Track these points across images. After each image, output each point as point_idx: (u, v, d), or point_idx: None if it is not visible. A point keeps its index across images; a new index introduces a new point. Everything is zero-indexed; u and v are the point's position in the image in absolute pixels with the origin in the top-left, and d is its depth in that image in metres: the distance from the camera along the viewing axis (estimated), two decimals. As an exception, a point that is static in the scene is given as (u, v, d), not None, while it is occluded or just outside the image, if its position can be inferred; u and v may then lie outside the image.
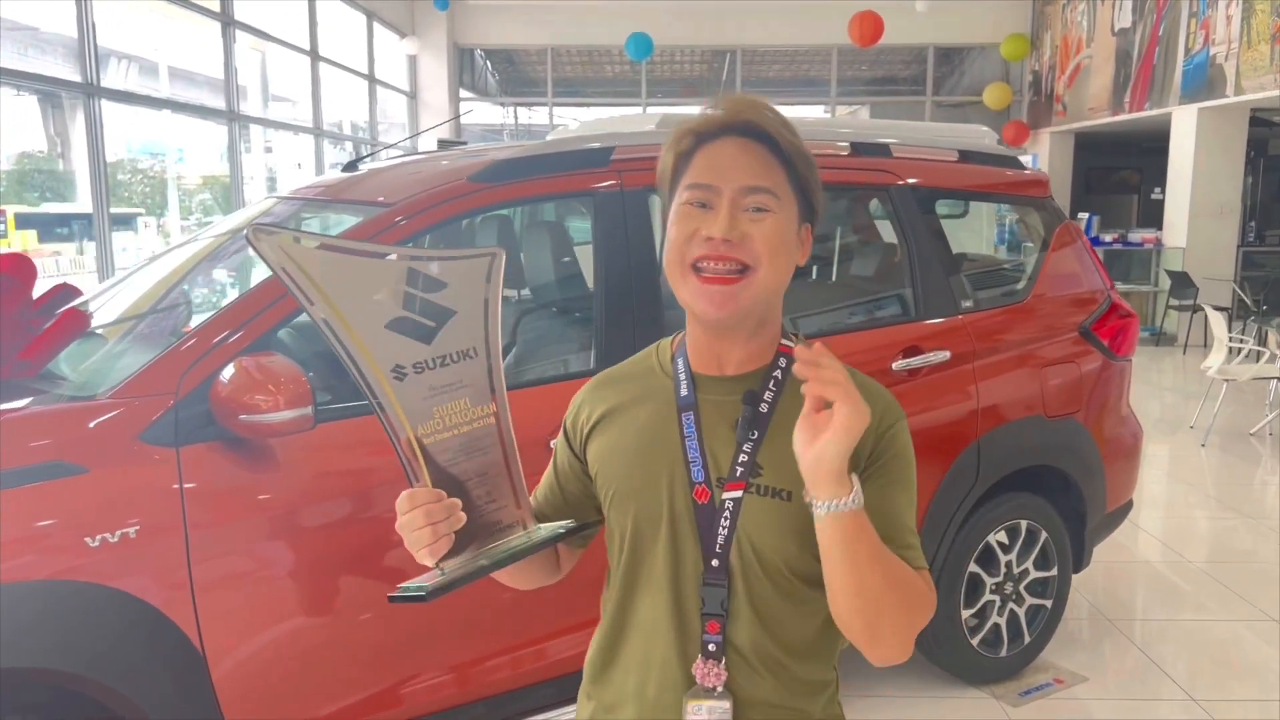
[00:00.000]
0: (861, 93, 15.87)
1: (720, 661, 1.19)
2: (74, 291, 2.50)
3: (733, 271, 1.14)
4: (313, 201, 2.84)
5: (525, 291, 3.18)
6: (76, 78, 6.63)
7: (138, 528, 1.83)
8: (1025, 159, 3.87)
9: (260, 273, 3.35)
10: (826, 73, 14.84)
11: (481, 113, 16.38)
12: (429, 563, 1.12)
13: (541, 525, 1.24)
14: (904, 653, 1.14)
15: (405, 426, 1.11)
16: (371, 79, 12.79)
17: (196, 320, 2.49)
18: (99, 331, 2.46)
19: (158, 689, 1.88)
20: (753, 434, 1.19)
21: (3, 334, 2.14)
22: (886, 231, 3.31)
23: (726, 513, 1.18)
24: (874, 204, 3.35)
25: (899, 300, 3.10)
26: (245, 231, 0.95)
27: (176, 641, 1.89)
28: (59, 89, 6.95)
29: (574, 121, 15.08)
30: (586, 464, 1.31)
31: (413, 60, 14.13)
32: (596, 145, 2.56)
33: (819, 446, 1.03)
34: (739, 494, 1.18)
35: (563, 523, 1.26)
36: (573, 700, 1.38)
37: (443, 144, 8.41)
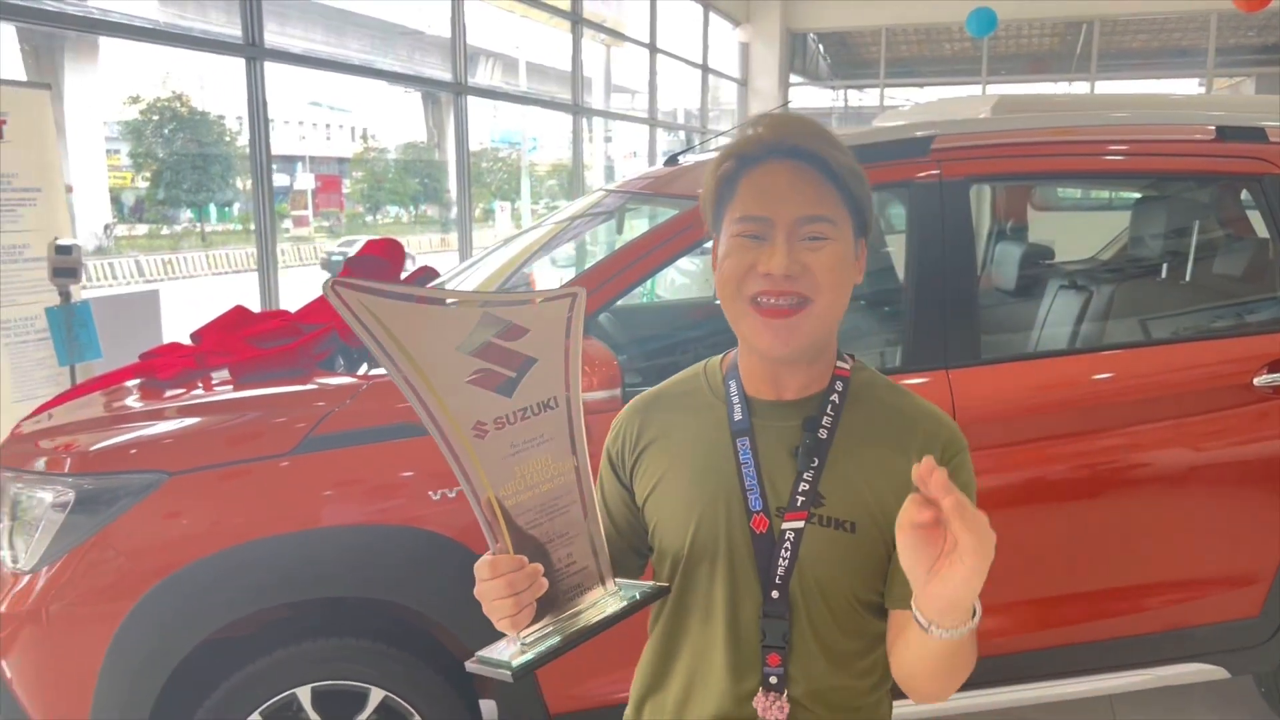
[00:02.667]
0: (1246, 63, 13.88)
1: (783, 694, 1.15)
2: (434, 273, 2.84)
3: (792, 304, 1.09)
4: (637, 195, 3.00)
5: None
6: (449, 76, 7.44)
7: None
8: None
9: (593, 256, 3.62)
10: (1202, 41, 13.13)
11: (810, 96, 16.31)
12: (509, 632, 1.07)
13: (621, 584, 1.17)
14: (947, 697, 1.10)
15: (485, 487, 1.04)
16: (705, 68, 13.17)
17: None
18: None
19: (480, 630, 2.11)
20: (813, 462, 1.14)
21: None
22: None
23: (787, 543, 1.13)
24: (1244, 195, 2.95)
25: (1273, 305, 2.71)
26: (324, 285, 0.95)
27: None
28: (436, 89, 7.84)
29: (906, 102, 14.57)
30: (634, 492, 1.26)
31: (744, 48, 14.35)
32: (916, 134, 2.48)
33: (953, 587, 0.92)
34: (800, 524, 1.13)
35: (650, 585, 1.19)
36: None
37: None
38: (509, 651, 1.06)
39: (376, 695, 2.09)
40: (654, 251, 2.28)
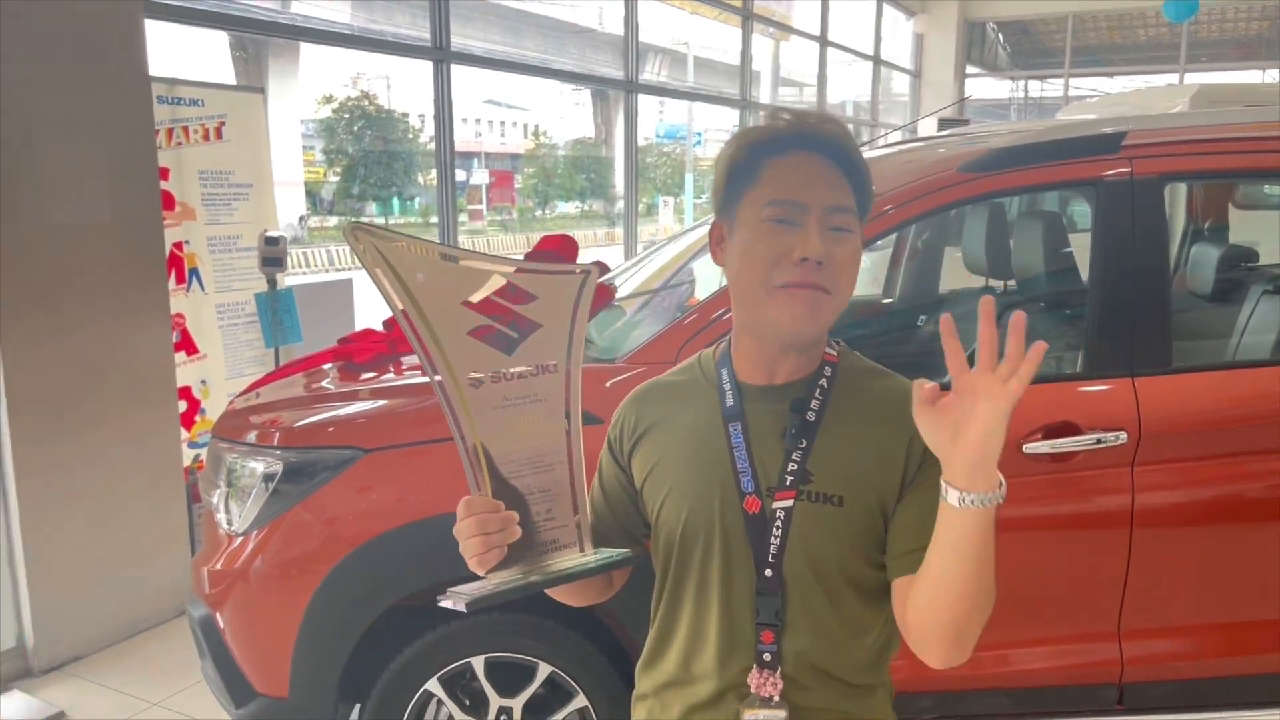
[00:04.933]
0: None
1: (776, 671, 1.18)
2: (604, 267, 2.93)
3: (817, 291, 1.13)
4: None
5: (1011, 283, 3.05)
6: (620, 74, 7.59)
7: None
8: None
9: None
10: None
11: (987, 87, 15.65)
12: (478, 572, 1.12)
13: (598, 550, 1.21)
14: (968, 654, 1.09)
15: (472, 432, 1.10)
16: (876, 60, 12.87)
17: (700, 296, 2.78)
18: (618, 303, 2.86)
19: (642, 616, 2.18)
20: (801, 442, 1.18)
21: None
22: None
23: (778, 522, 1.16)
24: None
25: None
26: (344, 228, 1.02)
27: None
28: (608, 87, 8.02)
29: (1094, 93, 13.77)
30: (632, 476, 1.29)
31: (919, 39, 13.92)
32: (1106, 130, 2.37)
33: (977, 439, 0.96)
34: (790, 502, 1.17)
35: (618, 551, 1.23)
36: None
37: (944, 124, 8.25)
38: (472, 588, 1.12)
39: (544, 670, 2.19)
40: None
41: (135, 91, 3.40)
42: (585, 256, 2.97)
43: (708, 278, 3.19)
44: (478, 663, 2.19)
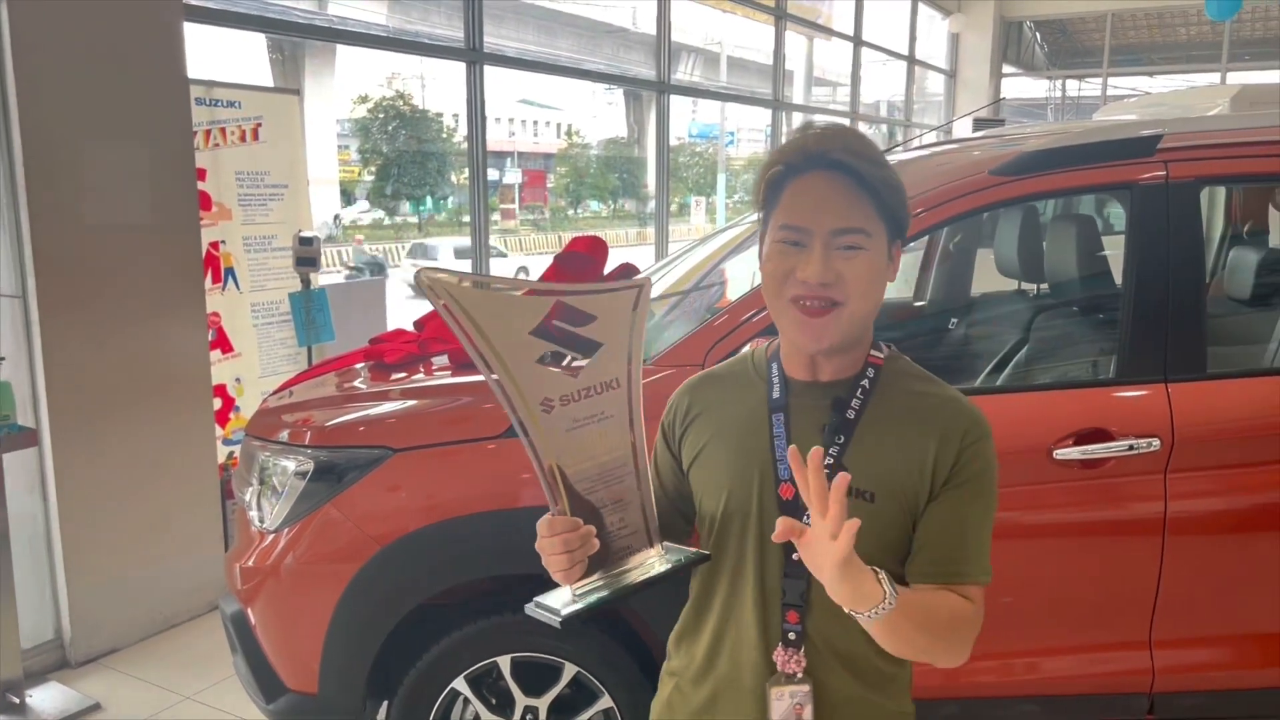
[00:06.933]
0: None
1: (800, 649, 1.25)
2: (634, 270, 2.93)
3: (824, 306, 1.19)
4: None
5: (1044, 286, 3.02)
6: (653, 74, 7.59)
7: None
8: None
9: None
10: None
11: (1023, 87, 15.47)
12: (565, 585, 1.19)
13: (667, 549, 1.28)
14: (960, 662, 1.20)
15: (548, 455, 1.15)
16: (911, 59, 12.77)
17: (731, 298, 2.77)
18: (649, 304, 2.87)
19: (669, 617, 2.18)
20: (839, 438, 1.24)
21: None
22: None
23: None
24: None
25: None
26: (415, 273, 1.07)
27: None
28: (640, 88, 8.02)
29: (1133, 92, 13.56)
30: (681, 460, 1.37)
31: (954, 38, 13.79)
32: (1141, 134, 2.34)
33: (831, 580, 1.06)
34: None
35: (690, 551, 1.29)
36: None
37: (979, 124, 8.17)
38: (561, 600, 1.19)
39: (570, 670, 2.20)
40: None
41: (174, 94, 3.46)
42: (616, 256, 2.98)
43: (739, 279, 3.19)
44: (504, 662, 2.20)
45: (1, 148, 3.03)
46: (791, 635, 1.26)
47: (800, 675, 1.25)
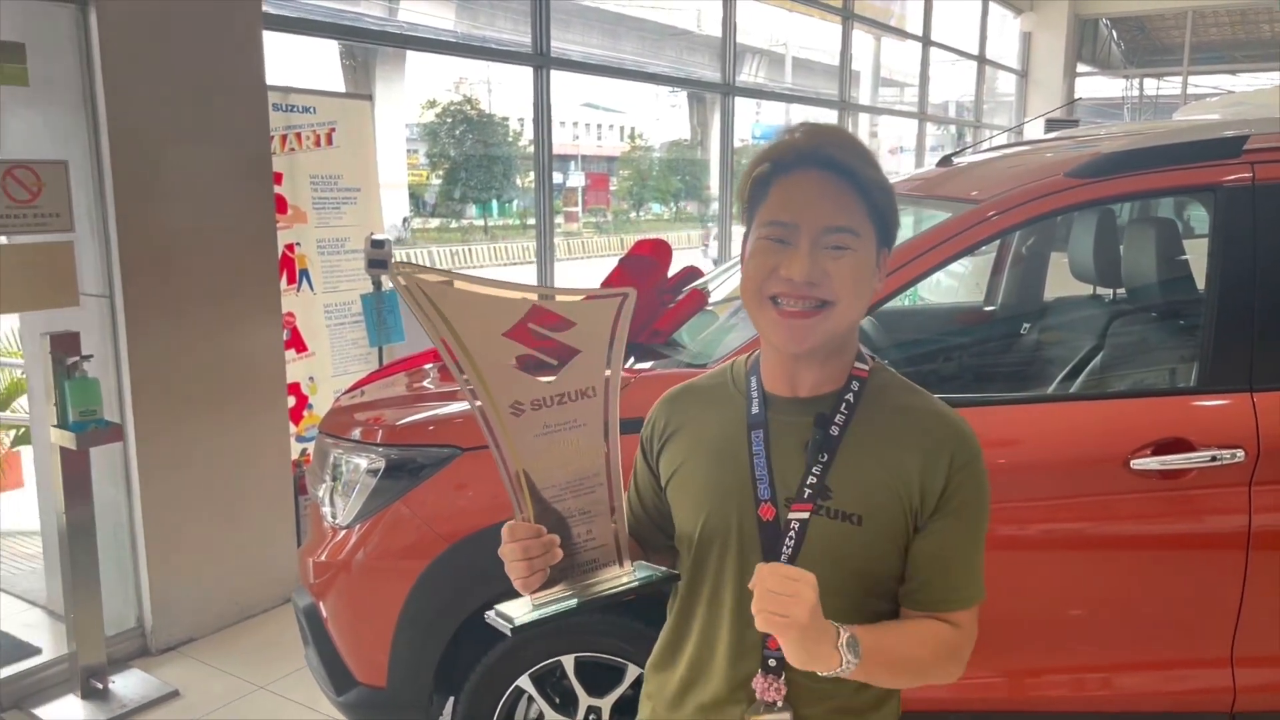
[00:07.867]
0: None
1: (780, 677, 1.19)
2: (698, 273, 2.94)
3: (810, 307, 1.14)
4: (906, 196, 2.95)
5: (1120, 291, 2.95)
6: (717, 76, 7.58)
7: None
8: None
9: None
10: None
11: (1098, 86, 15.08)
12: (523, 593, 1.16)
13: (638, 566, 1.23)
14: (951, 681, 1.19)
15: (515, 459, 1.12)
16: (981, 59, 12.54)
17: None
18: (712, 308, 2.87)
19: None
20: (822, 456, 1.18)
21: (642, 307, 2.62)
22: None
23: (792, 532, 1.15)
24: None
25: None
26: (390, 266, 1.06)
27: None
28: (705, 90, 8.01)
29: (1215, 90, 13.13)
30: (659, 476, 1.32)
31: (1026, 37, 13.51)
32: (1226, 134, 2.27)
33: (789, 652, 1.07)
34: (806, 515, 1.17)
35: (657, 569, 1.24)
36: None
37: (1051, 124, 7.98)
38: (520, 610, 1.16)
39: (633, 672, 2.21)
40: (925, 255, 2.24)
41: (253, 100, 3.56)
42: (678, 258, 2.97)
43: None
44: (568, 662, 2.22)
45: (91, 156, 3.16)
46: (771, 661, 1.20)
47: (780, 704, 1.20)
